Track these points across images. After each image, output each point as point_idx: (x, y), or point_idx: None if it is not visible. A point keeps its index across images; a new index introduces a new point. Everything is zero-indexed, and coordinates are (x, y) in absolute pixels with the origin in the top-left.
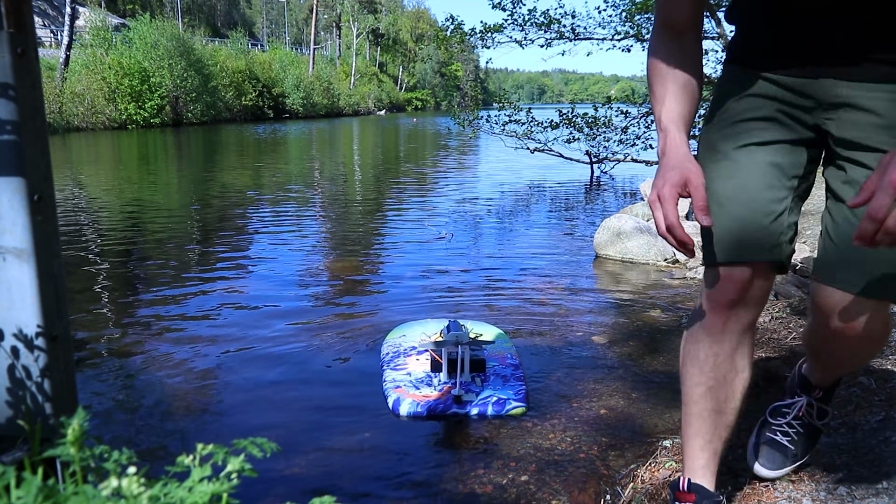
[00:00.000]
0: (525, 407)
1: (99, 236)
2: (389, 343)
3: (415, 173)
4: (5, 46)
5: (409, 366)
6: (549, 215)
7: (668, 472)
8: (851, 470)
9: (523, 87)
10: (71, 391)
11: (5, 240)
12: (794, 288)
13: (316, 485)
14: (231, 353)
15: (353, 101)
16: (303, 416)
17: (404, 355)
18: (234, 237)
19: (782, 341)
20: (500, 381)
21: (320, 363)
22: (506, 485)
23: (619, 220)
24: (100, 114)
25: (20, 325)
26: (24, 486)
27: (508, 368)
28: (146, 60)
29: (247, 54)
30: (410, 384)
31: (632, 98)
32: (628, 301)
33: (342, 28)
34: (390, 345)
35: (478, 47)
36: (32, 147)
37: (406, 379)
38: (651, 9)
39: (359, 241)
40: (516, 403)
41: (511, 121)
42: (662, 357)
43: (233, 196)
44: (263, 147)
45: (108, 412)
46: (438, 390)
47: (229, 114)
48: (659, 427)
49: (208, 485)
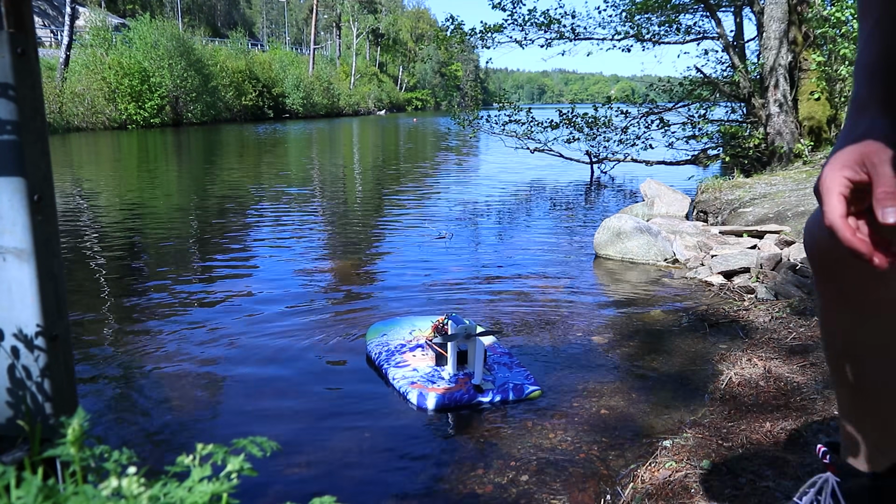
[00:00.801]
0: (541, 390)
1: (99, 236)
2: (376, 343)
3: (415, 173)
4: (5, 46)
5: (410, 363)
6: (549, 215)
7: (668, 472)
8: None
9: (523, 87)
10: (71, 391)
11: (5, 240)
12: (794, 288)
13: (316, 485)
14: (231, 353)
15: (353, 101)
16: (303, 417)
17: (399, 353)
18: (235, 237)
19: (782, 341)
20: (504, 368)
21: (320, 363)
22: (506, 485)
23: (619, 220)
24: (100, 114)
25: (20, 325)
26: (25, 486)
27: (504, 357)
28: (146, 60)
29: (247, 54)
30: (425, 379)
31: (632, 98)
32: (628, 301)
33: (342, 28)
34: (378, 344)
35: (478, 47)
36: (32, 147)
37: (416, 375)
38: (651, 9)
39: (359, 241)
40: (533, 387)
41: (511, 121)
42: (662, 357)
43: (233, 196)
44: (263, 147)
45: (108, 412)
46: (453, 382)
47: (229, 114)
48: (659, 427)
49: (208, 485)
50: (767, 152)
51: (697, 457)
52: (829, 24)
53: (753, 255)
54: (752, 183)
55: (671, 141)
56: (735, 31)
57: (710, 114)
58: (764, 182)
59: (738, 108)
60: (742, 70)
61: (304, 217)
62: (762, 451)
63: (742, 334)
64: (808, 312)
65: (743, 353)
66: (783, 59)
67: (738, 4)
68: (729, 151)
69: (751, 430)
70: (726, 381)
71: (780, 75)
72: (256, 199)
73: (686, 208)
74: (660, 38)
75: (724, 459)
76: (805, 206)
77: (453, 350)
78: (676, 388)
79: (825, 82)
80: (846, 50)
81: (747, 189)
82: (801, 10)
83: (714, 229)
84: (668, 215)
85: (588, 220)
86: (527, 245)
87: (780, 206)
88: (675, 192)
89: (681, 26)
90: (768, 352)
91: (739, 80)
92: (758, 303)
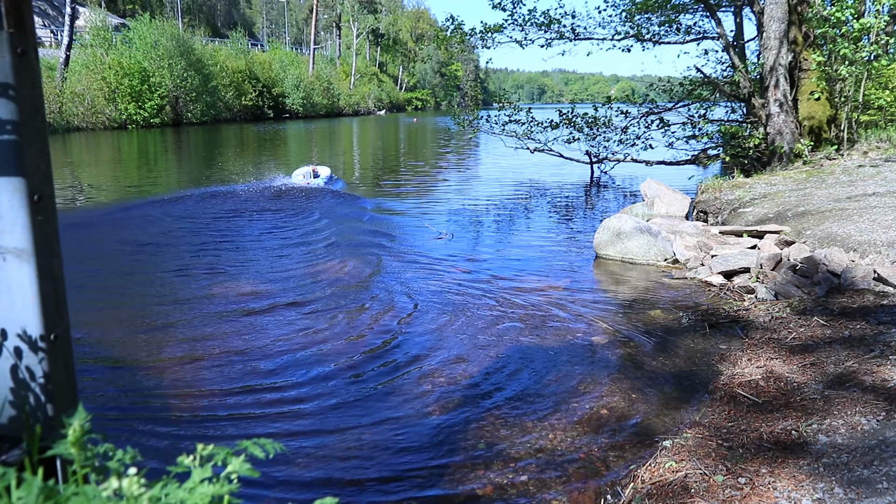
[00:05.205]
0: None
1: (99, 236)
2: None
3: (415, 173)
4: (5, 46)
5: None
6: (549, 215)
7: (668, 472)
8: (851, 470)
9: (523, 87)
10: (71, 391)
11: (5, 240)
12: (794, 288)
13: (316, 485)
14: (231, 353)
15: (353, 101)
16: (303, 417)
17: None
18: (235, 237)
19: (782, 341)
20: (331, 183)
21: (320, 364)
22: (506, 485)
23: (619, 220)
24: (100, 114)
25: (20, 325)
26: (25, 486)
27: (335, 183)
28: (146, 60)
29: (247, 54)
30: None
31: (632, 98)
32: (628, 301)
33: (342, 28)
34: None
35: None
36: (32, 147)
37: (302, 181)
38: (651, 9)
39: (358, 241)
40: (340, 184)
41: (511, 121)
42: (662, 357)
43: (233, 196)
44: (264, 146)
45: (107, 412)
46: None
47: (229, 114)
48: (659, 427)
49: (208, 486)
50: (767, 152)
51: (697, 457)
52: (829, 24)
53: (753, 255)
54: (752, 183)
55: (671, 141)
56: (735, 31)
57: (710, 114)
58: (764, 182)
59: (738, 108)
60: (742, 70)
61: (302, 217)
62: (762, 451)
63: (742, 334)
64: (808, 312)
65: (743, 353)
66: (783, 59)
67: (738, 4)
68: (729, 151)
69: (751, 430)
70: (726, 381)
71: (780, 75)
72: (256, 199)
73: (686, 208)
74: (660, 38)
75: (724, 459)
76: (805, 206)
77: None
78: (676, 388)
79: (825, 82)
80: (846, 50)
81: (747, 189)
82: (801, 10)
83: (714, 229)
84: (668, 215)
85: (588, 220)
86: (527, 245)
87: (780, 206)
88: (675, 192)
89: (681, 26)
90: (768, 352)
91: (739, 80)
92: (758, 303)
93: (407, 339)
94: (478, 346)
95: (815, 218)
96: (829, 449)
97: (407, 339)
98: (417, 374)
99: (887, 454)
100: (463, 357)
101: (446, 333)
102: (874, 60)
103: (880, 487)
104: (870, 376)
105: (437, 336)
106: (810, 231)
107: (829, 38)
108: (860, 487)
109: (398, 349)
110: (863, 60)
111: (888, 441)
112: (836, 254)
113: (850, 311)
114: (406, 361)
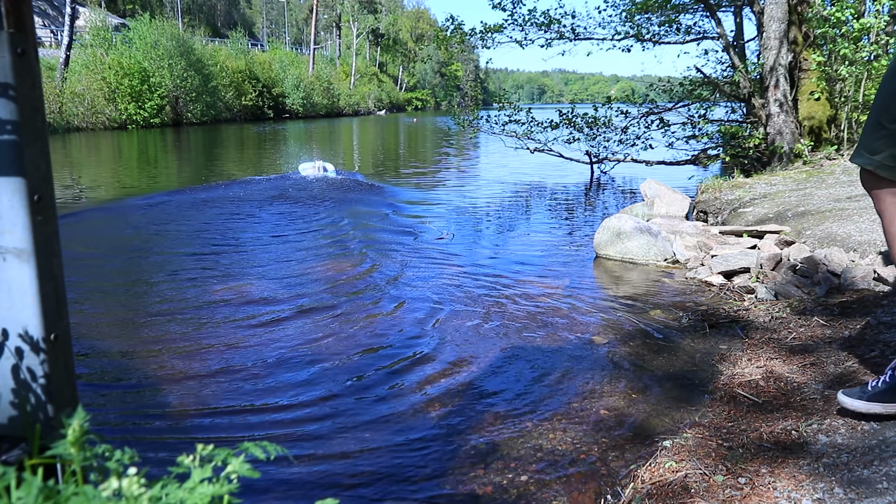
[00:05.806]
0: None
1: (99, 236)
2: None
3: (415, 173)
4: (5, 46)
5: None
6: (549, 215)
7: (668, 472)
8: (851, 470)
9: (523, 87)
10: (71, 391)
11: (5, 240)
12: (794, 288)
13: (316, 485)
14: (232, 353)
15: (353, 101)
16: (303, 417)
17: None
18: (235, 237)
19: (782, 341)
20: (338, 175)
21: (320, 364)
22: (506, 485)
23: (619, 220)
24: (100, 114)
25: (20, 325)
26: (25, 486)
27: (340, 174)
28: (146, 60)
29: (247, 54)
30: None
31: (632, 98)
32: (628, 301)
33: (342, 28)
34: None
35: (478, 47)
36: (32, 147)
37: (312, 172)
38: (651, 9)
39: (358, 241)
40: (332, 172)
41: (511, 121)
42: (662, 357)
43: (233, 195)
44: (264, 146)
45: (108, 412)
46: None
47: (229, 114)
48: (659, 427)
49: (208, 486)
50: (767, 152)
51: (697, 457)
52: (829, 24)
53: (753, 255)
54: (752, 183)
55: (671, 141)
56: (735, 31)
57: (710, 114)
58: (764, 182)
59: (738, 108)
60: (742, 70)
61: (302, 217)
62: (762, 451)
63: (742, 334)
64: (808, 312)
65: (743, 353)
66: (783, 59)
67: (738, 4)
68: (729, 151)
69: (751, 430)
70: (726, 381)
71: (780, 75)
72: (256, 199)
73: (686, 208)
74: (660, 38)
75: (724, 459)
76: (805, 206)
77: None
78: (676, 388)
79: (825, 82)
80: (846, 50)
81: (747, 189)
82: (801, 10)
83: (714, 229)
84: (668, 215)
85: (588, 220)
86: (527, 245)
87: (781, 206)
88: (675, 192)
89: (681, 26)
90: (768, 352)
91: (739, 80)
92: (758, 303)
93: (406, 338)
94: (477, 346)
95: (815, 218)
96: (830, 449)
97: (406, 338)
98: (416, 374)
99: (887, 454)
100: (463, 356)
101: (446, 333)
102: (874, 60)
103: (880, 487)
104: (870, 376)
105: (436, 336)
106: (810, 231)
107: (829, 38)
108: (860, 487)
109: (397, 349)
110: (863, 60)
111: (888, 441)
112: (836, 254)
113: (851, 311)
114: (405, 361)
